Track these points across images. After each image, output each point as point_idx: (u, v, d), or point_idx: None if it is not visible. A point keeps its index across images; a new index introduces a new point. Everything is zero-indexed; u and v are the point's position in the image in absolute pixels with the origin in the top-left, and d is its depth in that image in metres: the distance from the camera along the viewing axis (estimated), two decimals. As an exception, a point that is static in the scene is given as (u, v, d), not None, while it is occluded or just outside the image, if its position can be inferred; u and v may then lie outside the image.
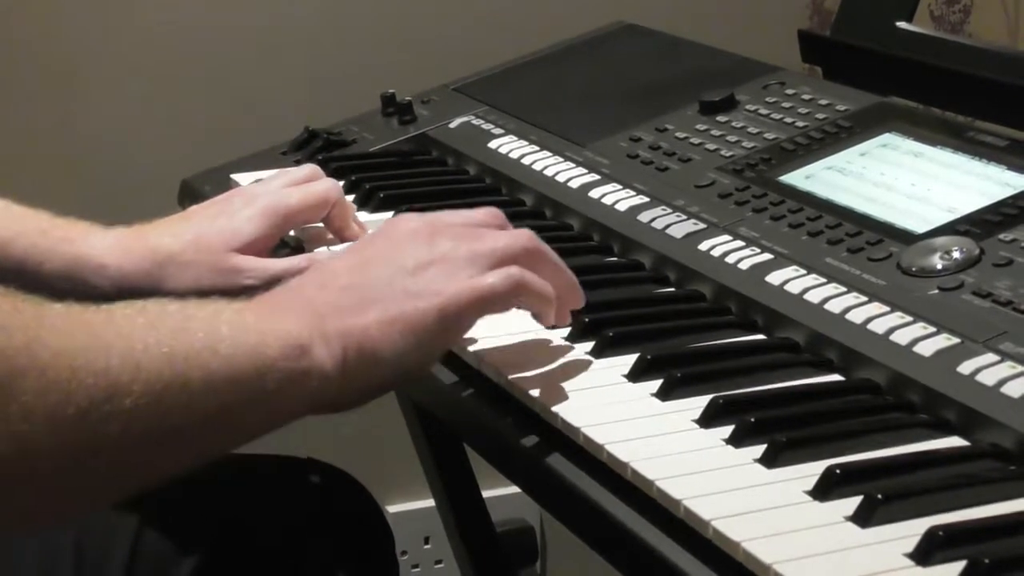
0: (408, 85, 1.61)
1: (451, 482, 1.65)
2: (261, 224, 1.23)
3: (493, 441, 1.03)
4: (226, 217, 1.23)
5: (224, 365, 0.85)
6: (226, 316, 0.87)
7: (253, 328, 0.88)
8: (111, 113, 2.09)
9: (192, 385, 0.83)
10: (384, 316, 0.93)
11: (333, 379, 0.91)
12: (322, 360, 0.90)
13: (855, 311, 1.03)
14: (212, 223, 1.23)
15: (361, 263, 0.97)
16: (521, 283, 0.97)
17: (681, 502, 0.83)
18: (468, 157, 1.45)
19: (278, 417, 0.90)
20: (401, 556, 2.23)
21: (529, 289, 0.98)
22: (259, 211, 1.23)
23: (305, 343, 0.89)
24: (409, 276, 0.95)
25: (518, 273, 0.97)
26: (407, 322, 0.93)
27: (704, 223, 1.20)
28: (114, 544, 1.15)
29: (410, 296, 0.94)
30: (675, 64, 1.54)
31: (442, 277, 0.95)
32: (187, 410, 0.83)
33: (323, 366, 0.90)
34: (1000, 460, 0.89)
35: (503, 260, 0.97)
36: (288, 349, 0.88)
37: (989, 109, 1.34)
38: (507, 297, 0.97)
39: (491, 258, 0.97)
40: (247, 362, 0.86)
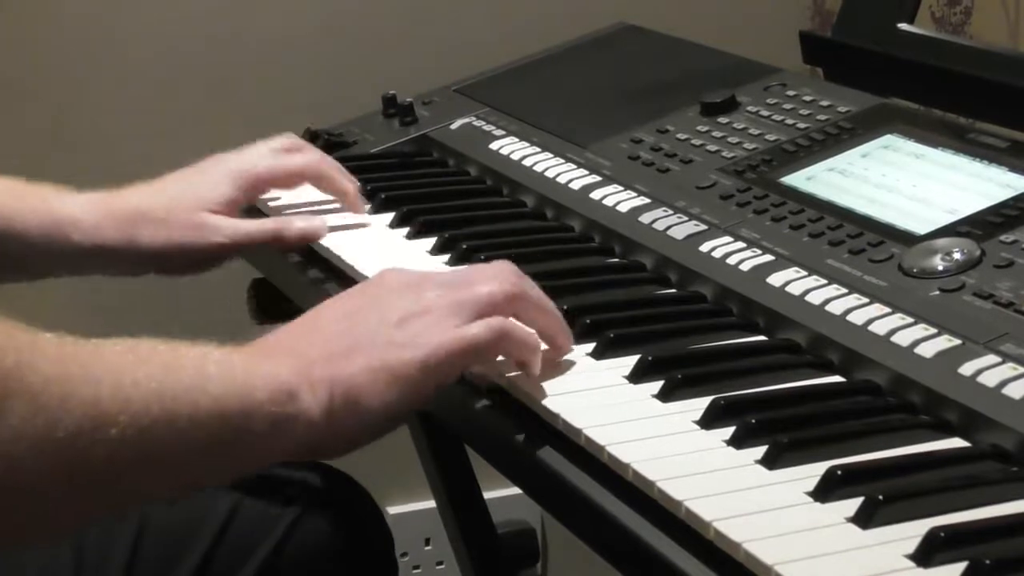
0: (409, 86, 1.61)
1: (452, 483, 1.65)
2: (230, 187, 1.29)
3: (494, 442, 1.03)
4: (198, 179, 1.29)
5: (212, 404, 0.86)
6: (215, 357, 0.89)
7: (241, 370, 0.90)
8: (112, 114, 2.09)
9: (179, 421, 0.84)
10: (369, 365, 0.94)
11: (319, 425, 0.92)
12: (308, 406, 0.91)
13: (856, 312, 1.03)
14: (186, 185, 1.29)
15: (349, 313, 0.98)
16: (504, 333, 0.98)
17: (682, 503, 0.83)
18: (469, 158, 1.45)
19: (263, 458, 0.92)
20: (402, 557, 2.23)
21: (512, 338, 0.98)
22: (228, 174, 1.29)
23: (293, 388, 0.91)
24: (394, 327, 0.96)
25: (500, 323, 0.98)
26: (391, 372, 0.95)
27: (705, 224, 1.20)
28: (114, 544, 1.15)
29: (395, 346, 0.95)
30: (676, 65, 1.54)
31: (426, 328, 0.96)
32: (173, 445, 0.84)
33: (309, 412, 0.91)
34: (1001, 461, 0.89)
35: (487, 308, 0.98)
36: (276, 393, 0.90)
37: (990, 110, 1.34)
38: (491, 347, 0.98)
39: (475, 306, 0.98)
40: (235, 403, 0.88)
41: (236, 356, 0.91)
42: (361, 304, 0.99)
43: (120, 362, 0.83)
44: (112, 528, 1.15)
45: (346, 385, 0.93)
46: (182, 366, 0.86)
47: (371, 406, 0.94)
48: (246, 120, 2.07)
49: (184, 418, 0.84)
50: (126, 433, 0.81)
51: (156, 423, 0.83)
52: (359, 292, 1.02)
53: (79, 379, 0.80)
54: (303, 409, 0.91)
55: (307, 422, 0.91)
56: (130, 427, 0.81)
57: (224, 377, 0.88)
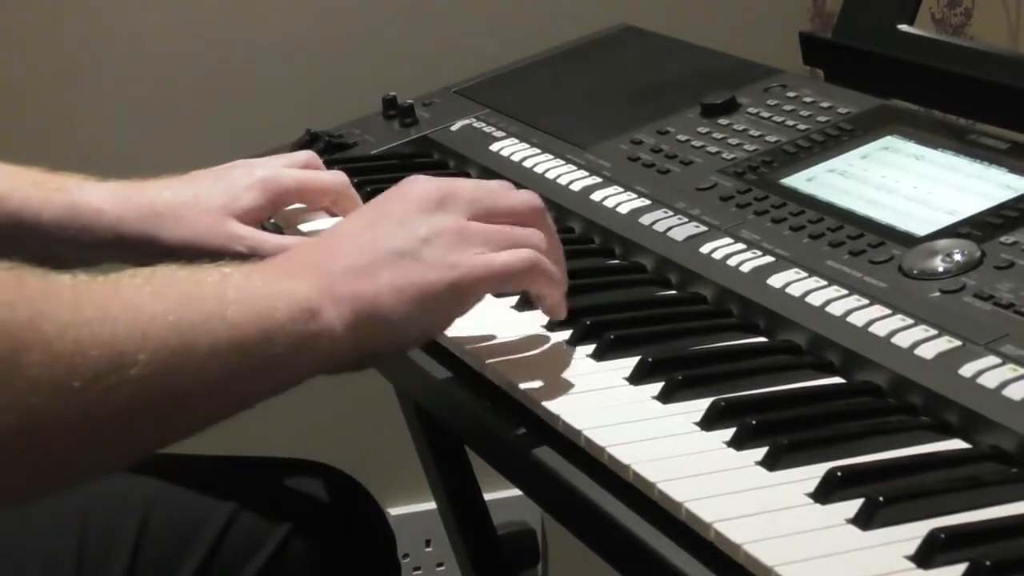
0: (410, 88, 1.61)
1: (452, 484, 1.65)
2: (257, 196, 1.25)
3: (494, 443, 1.03)
4: (226, 183, 1.26)
5: (232, 331, 0.85)
6: (234, 280, 0.88)
7: (261, 292, 0.88)
8: (112, 115, 2.10)
9: (199, 352, 0.83)
10: (396, 282, 0.93)
11: (342, 341, 0.91)
12: (331, 323, 0.90)
13: (856, 313, 1.03)
14: (212, 185, 1.25)
15: (374, 224, 0.97)
16: (533, 265, 0.98)
17: (683, 504, 0.83)
18: (469, 160, 1.45)
19: (287, 380, 0.90)
20: (403, 558, 2.23)
21: (541, 271, 0.98)
22: (257, 182, 1.26)
23: (315, 306, 0.90)
24: (424, 243, 0.95)
25: (530, 255, 0.97)
26: (419, 290, 0.93)
27: (706, 226, 1.20)
28: (115, 545, 1.15)
29: (424, 265, 0.94)
30: (676, 67, 1.54)
31: (456, 249, 0.95)
32: (195, 376, 0.83)
33: (332, 328, 0.90)
34: (1001, 462, 0.89)
35: (516, 240, 0.98)
36: (297, 312, 0.89)
37: (990, 112, 1.34)
38: (520, 277, 0.98)
39: (505, 240, 0.97)
40: (255, 327, 0.87)
41: (256, 276, 0.90)
42: (386, 214, 0.98)
43: (136, 297, 0.83)
44: (113, 529, 1.15)
45: (371, 301, 0.92)
46: (201, 294, 0.85)
47: (396, 322, 0.93)
48: (247, 122, 2.08)
49: (203, 349, 0.83)
50: (145, 372, 0.80)
51: (175, 357, 0.82)
52: (382, 202, 1.00)
53: (95, 321, 0.79)
54: (326, 326, 0.90)
55: (330, 339, 0.90)
56: (149, 365, 0.80)
57: (244, 301, 0.86)
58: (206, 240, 1.23)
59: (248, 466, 1.28)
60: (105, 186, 1.24)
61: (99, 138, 2.09)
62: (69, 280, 0.81)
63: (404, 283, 0.93)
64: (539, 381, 0.99)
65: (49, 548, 1.14)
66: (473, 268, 0.95)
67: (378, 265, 0.94)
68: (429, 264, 0.94)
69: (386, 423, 1.90)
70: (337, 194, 1.30)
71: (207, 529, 1.18)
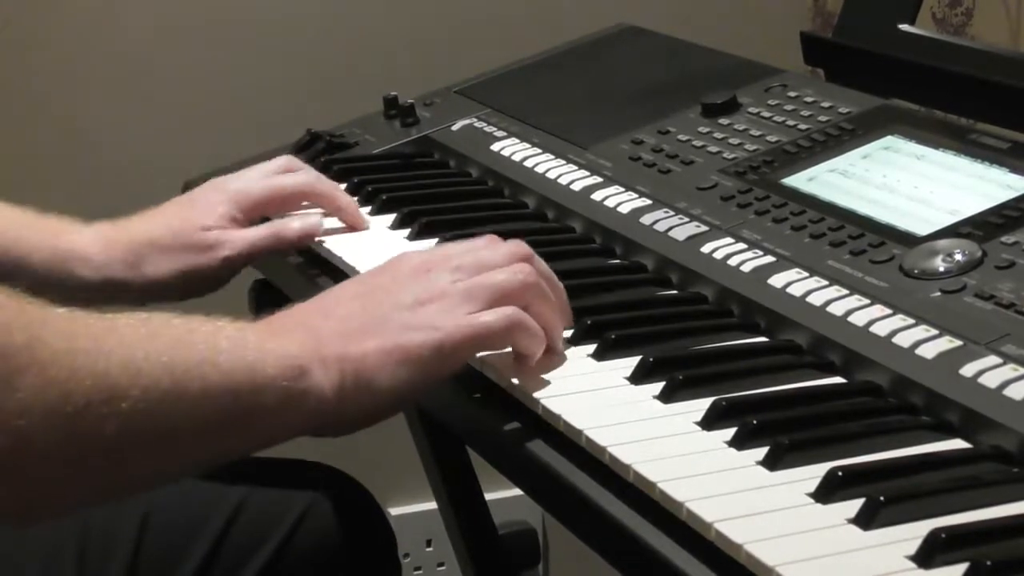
0: (411, 87, 1.61)
1: (453, 484, 1.65)
2: (229, 209, 1.28)
3: (495, 443, 1.03)
4: (200, 203, 1.29)
5: (223, 378, 0.87)
6: (227, 332, 0.90)
7: (253, 346, 0.91)
8: (113, 115, 2.10)
9: (190, 395, 0.85)
10: (382, 346, 0.95)
11: (329, 402, 0.93)
12: (320, 383, 0.92)
13: (857, 313, 1.03)
14: (186, 210, 1.29)
15: (363, 294, 1.00)
16: (517, 323, 0.99)
17: (684, 504, 0.83)
18: (470, 159, 1.45)
19: (275, 434, 0.93)
20: (403, 558, 2.23)
21: (524, 329, 0.99)
22: (226, 197, 1.29)
23: (304, 364, 0.92)
24: (408, 310, 0.98)
25: (515, 314, 0.99)
26: (404, 354, 0.96)
27: (706, 225, 1.20)
28: (116, 545, 1.15)
29: (408, 329, 0.96)
30: (677, 66, 1.54)
31: (440, 313, 0.98)
32: (184, 419, 0.85)
33: (320, 388, 0.92)
34: (1002, 462, 0.89)
35: (501, 297, 0.99)
36: (287, 369, 0.91)
37: (991, 111, 1.34)
38: (503, 336, 0.99)
39: (490, 294, 0.99)
40: (245, 377, 0.89)
41: (249, 331, 0.92)
42: (376, 285, 1.00)
43: (131, 335, 0.84)
44: (114, 528, 1.15)
45: (358, 364, 0.94)
46: (193, 340, 0.87)
47: (382, 386, 0.95)
48: (248, 122, 2.08)
49: (194, 392, 0.85)
50: (137, 407, 0.81)
51: (167, 397, 0.83)
52: (375, 274, 1.03)
53: (90, 352, 0.80)
54: (314, 385, 0.92)
55: (318, 398, 0.92)
56: (141, 401, 0.82)
57: (235, 352, 0.89)
58: (189, 261, 1.26)
59: (249, 466, 1.28)
60: (89, 230, 1.26)
61: (99, 138, 2.09)
62: (66, 312, 0.83)
63: (390, 347, 0.95)
64: (540, 380, 0.99)
65: (49, 547, 1.14)
66: (457, 330, 0.97)
67: (365, 330, 0.96)
68: (413, 328, 0.96)
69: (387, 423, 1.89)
70: (305, 194, 1.32)
71: (208, 529, 1.18)
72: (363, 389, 0.95)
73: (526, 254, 1.03)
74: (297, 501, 1.22)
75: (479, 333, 0.98)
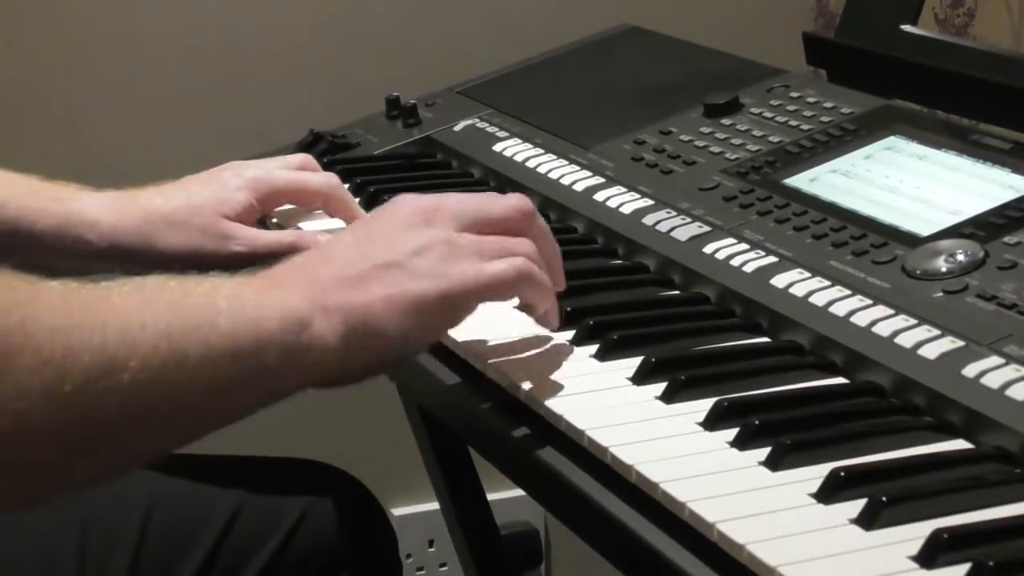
0: (413, 88, 1.61)
1: (455, 485, 1.65)
2: (247, 195, 1.26)
3: (497, 444, 1.03)
4: (217, 185, 1.27)
5: (223, 340, 0.85)
6: (225, 291, 0.88)
7: (253, 302, 0.88)
8: (115, 115, 2.10)
9: (190, 360, 0.83)
10: (387, 293, 0.93)
11: (334, 353, 0.91)
12: (323, 334, 0.90)
13: (860, 314, 1.03)
14: (203, 188, 1.27)
15: (364, 240, 0.97)
16: (525, 274, 0.98)
17: (686, 504, 0.83)
18: (473, 160, 1.45)
19: (278, 390, 0.90)
20: (405, 559, 2.23)
21: (532, 281, 0.98)
22: (247, 183, 1.27)
23: (306, 317, 0.90)
24: (414, 255, 0.95)
25: (522, 264, 0.98)
26: (410, 301, 0.94)
27: (709, 226, 1.20)
28: (116, 544, 1.15)
29: (415, 276, 0.94)
30: (679, 67, 1.54)
31: (447, 259, 0.96)
32: (186, 385, 0.83)
33: (324, 340, 0.90)
34: (1005, 463, 0.89)
35: (508, 249, 0.98)
36: (288, 323, 0.89)
37: (993, 112, 1.34)
38: (511, 286, 0.98)
39: (496, 249, 0.98)
40: (246, 336, 0.86)
41: (247, 287, 0.90)
42: (376, 230, 0.98)
43: (127, 304, 0.82)
44: (114, 527, 1.16)
45: (363, 312, 0.92)
46: (191, 304, 0.85)
47: (387, 334, 0.93)
48: (250, 122, 2.08)
49: (195, 356, 0.83)
50: (137, 378, 0.80)
51: (166, 364, 0.81)
52: (374, 219, 1.01)
53: (85, 326, 0.79)
54: (317, 337, 0.90)
55: (322, 350, 0.90)
56: (141, 371, 0.80)
57: (235, 310, 0.86)
58: (201, 243, 1.23)
59: (250, 465, 1.28)
60: (100, 196, 1.25)
61: (101, 138, 2.09)
62: (59, 286, 0.81)
63: (395, 294, 0.93)
64: (542, 381, 0.99)
65: (50, 546, 1.14)
66: (464, 277, 0.95)
67: (369, 277, 0.94)
68: (419, 275, 0.94)
69: (389, 423, 1.90)
70: (327, 196, 1.30)
71: (209, 528, 1.18)
72: (369, 338, 0.92)
73: (528, 211, 1.02)
74: (298, 501, 1.22)
75: (487, 282, 0.96)
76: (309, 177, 1.31)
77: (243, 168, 1.29)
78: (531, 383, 0.99)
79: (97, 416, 0.79)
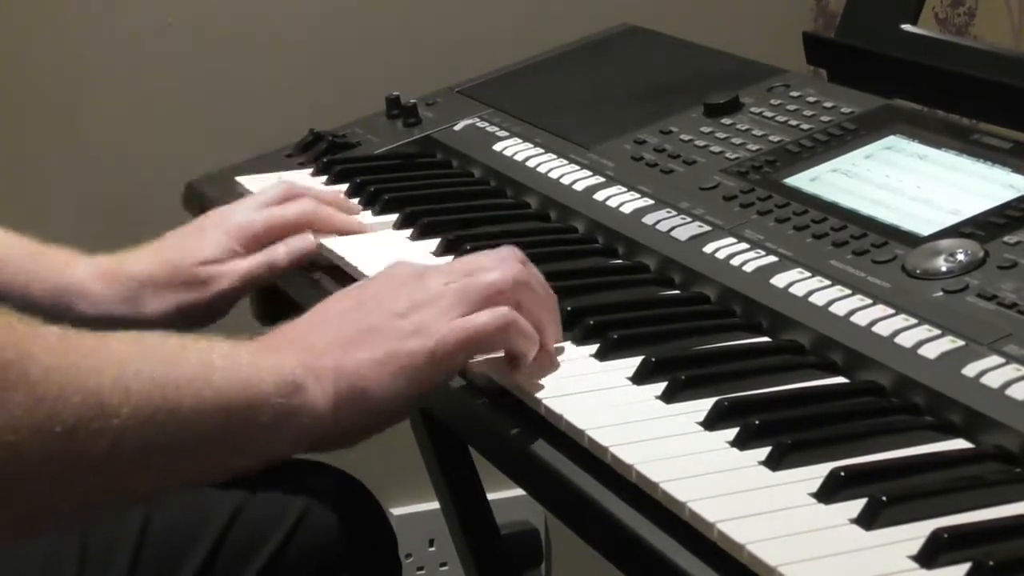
0: (413, 87, 1.61)
1: (455, 484, 1.65)
2: (228, 245, 1.26)
3: (497, 443, 1.03)
4: (197, 238, 1.27)
5: (216, 395, 0.87)
6: (221, 350, 0.89)
7: (247, 363, 0.90)
8: (115, 115, 2.10)
9: (182, 412, 0.84)
10: (375, 356, 0.95)
11: (325, 416, 0.93)
12: (315, 397, 0.92)
13: (860, 313, 1.03)
14: (183, 244, 1.27)
15: (355, 306, 0.99)
16: (509, 323, 0.98)
17: (686, 504, 0.83)
18: (473, 159, 1.45)
19: (268, 451, 0.92)
20: (405, 558, 2.23)
21: (517, 329, 0.99)
22: (226, 232, 1.27)
23: (299, 380, 0.91)
24: (400, 317, 0.97)
25: (509, 313, 0.99)
26: (398, 362, 0.95)
27: (709, 225, 1.20)
28: (117, 545, 1.15)
29: (401, 337, 0.96)
30: (679, 66, 1.54)
31: (433, 317, 0.97)
32: (177, 436, 0.85)
33: (315, 403, 0.92)
34: (1005, 462, 0.89)
35: (492, 297, 0.99)
36: (281, 385, 0.90)
37: (994, 111, 1.34)
38: (496, 337, 0.99)
39: (481, 294, 0.99)
40: (239, 395, 0.88)
41: (243, 348, 0.92)
42: (367, 296, 1.00)
43: (123, 352, 0.84)
44: (115, 528, 1.16)
45: (352, 376, 0.94)
46: (186, 358, 0.87)
47: (377, 396, 0.95)
48: (250, 122, 2.08)
49: (187, 409, 0.85)
50: (128, 424, 0.81)
51: (158, 413, 0.83)
52: (366, 284, 1.03)
53: (81, 369, 0.80)
54: (309, 400, 0.92)
55: (313, 414, 0.92)
56: (132, 418, 0.81)
57: (229, 369, 0.88)
58: (186, 298, 1.25)
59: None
60: (91, 264, 1.26)
61: (102, 138, 2.09)
62: (57, 329, 0.82)
63: (384, 356, 0.95)
64: (542, 381, 0.99)
65: (51, 547, 1.14)
66: (450, 333, 0.97)
67: (358, 340, 0.96)
68: (407, 335, 0.96)
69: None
70: (307, 223, 1.29)
71: (209, 528, 1.18)
72: (358, 401, 0.94)
73: (518, 257, 1.03)
74: (298, 501, 1.22)
75: (472, 336, 0.97)
76: (283, 212, 1.29)
77: (223, 217, 1.29)
78: (531, 383, 0.99)
79: (87, 456, 0.80)
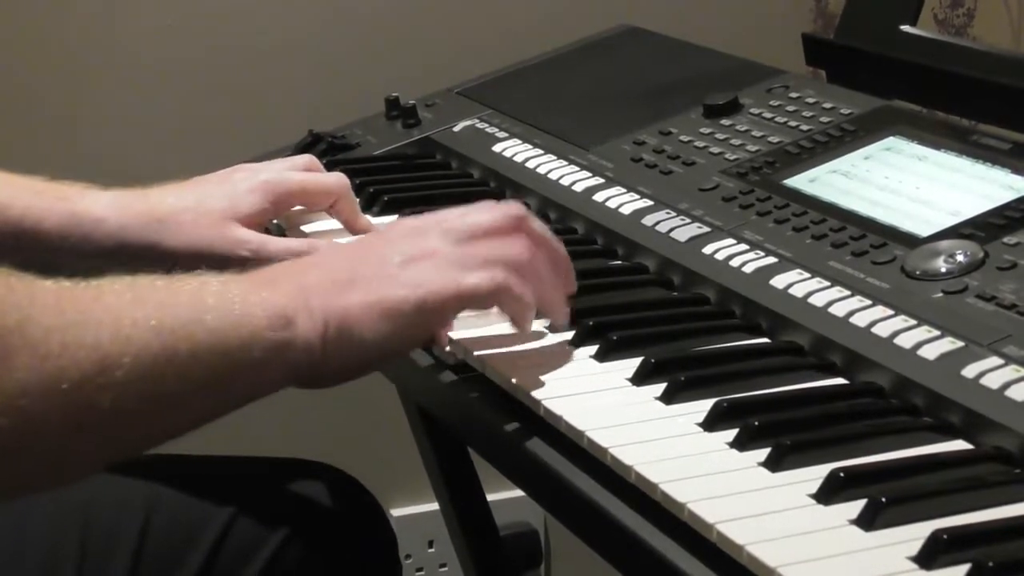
0: (412, 88, 1.61)
1: (455, 485, 1.65)
2: (260, 199, 1.25)
3: (497, 444, 1.03)
4: (228, 187, 1.26)
5: (210, 336, 0.88)
6: (212, 288, 0.91)
7: (239, 299, 0.91)
8: (115, 116, 2.10)
9: (180, 356, 0.86)
10: (365, 299, 0.96)
11: (315, 352, 0.94)
12: (305, 332, 0.93)
13: (859, 314, 1.03)
14: (215, 189, 1.26)
15: (357, 252, 1.01)
16: (502, 287, 0.99)
17: (685, 505, 0.83)
18: (472, 160, 1.45)
19: (262, 386, 0.93)
20: (405, 559, 2.23)
21: (510, 294, 1.00)
22: (260, 185, 1.26)
23: (290, 314, 0.93)
24: (396, 266, 0.98)
25: (502, 277, 0.99)
26: (386, 307, 0.96)
27: (708, 226, 1.20)
28: (117, 546, 1.15)
29: (393, 284, 0.97)
30: (679, 67, 1.54)
31: (427, 271, 0.98)
32: (177, 379, 0.86)
33: (306, 337, 0.93)
34: (1004, 463, 0.89)
35: (491, 263, 1.00)
36: (273, 319, 0.92)
37: (993, 112, 1.34)
38: (487, 298, 1.00)
39: (481, 260, 1.00)
40: (233, 332, 0.90)
41: (234, 284, 0.93)
42: (368, 245, 1.02)
43: (119, 303, 0.85)
44: (115, 528, 1.15)
45: (341, 315, 0.95)
46: (179, 301, 0.88)
47: (364, 338, 0.96)
48: (250, 123, 2.08)
49: (184, 353, 0.86)
50: (130, 375, 0.83)
51: (157, 360, 0.85)
52: (370, 237, 1.06)
53: (79, 325, 0.82)
54: (300, 334, 0.93)
55: (303, 347, 0.93)
56: (133, 368, 0.83)
57: (222, 308, 0.89)
58: (209, 245, 1.23)
59: (250, 466, 1.28)
60: (107, 194, 1.24)
61: (101, 139, 2.09)
62: (52, 285, 0.84)
63: (373, 300, 0.96)
64: (541, 382, 0.99)
65: (51, 549, 1.14)
66: (442, 287, 0.98)
67: (350, 283, 0.97)
68: (398, 283, 0.97)
69: (388, 424, 1.90)
70: (338, 196, 1.30)
71: (209, 529, 1.18)
72: (345, 341, 0.95)
73: (519, 215, 1.03)
74: (298, 501, 1.22)
75: (463, 292, 0.98)
76: (321, 177, 1.31)
77: (255, 171, 1.28)
78: (530, 383, 0.99)
79: (94, 410, 0.82)
